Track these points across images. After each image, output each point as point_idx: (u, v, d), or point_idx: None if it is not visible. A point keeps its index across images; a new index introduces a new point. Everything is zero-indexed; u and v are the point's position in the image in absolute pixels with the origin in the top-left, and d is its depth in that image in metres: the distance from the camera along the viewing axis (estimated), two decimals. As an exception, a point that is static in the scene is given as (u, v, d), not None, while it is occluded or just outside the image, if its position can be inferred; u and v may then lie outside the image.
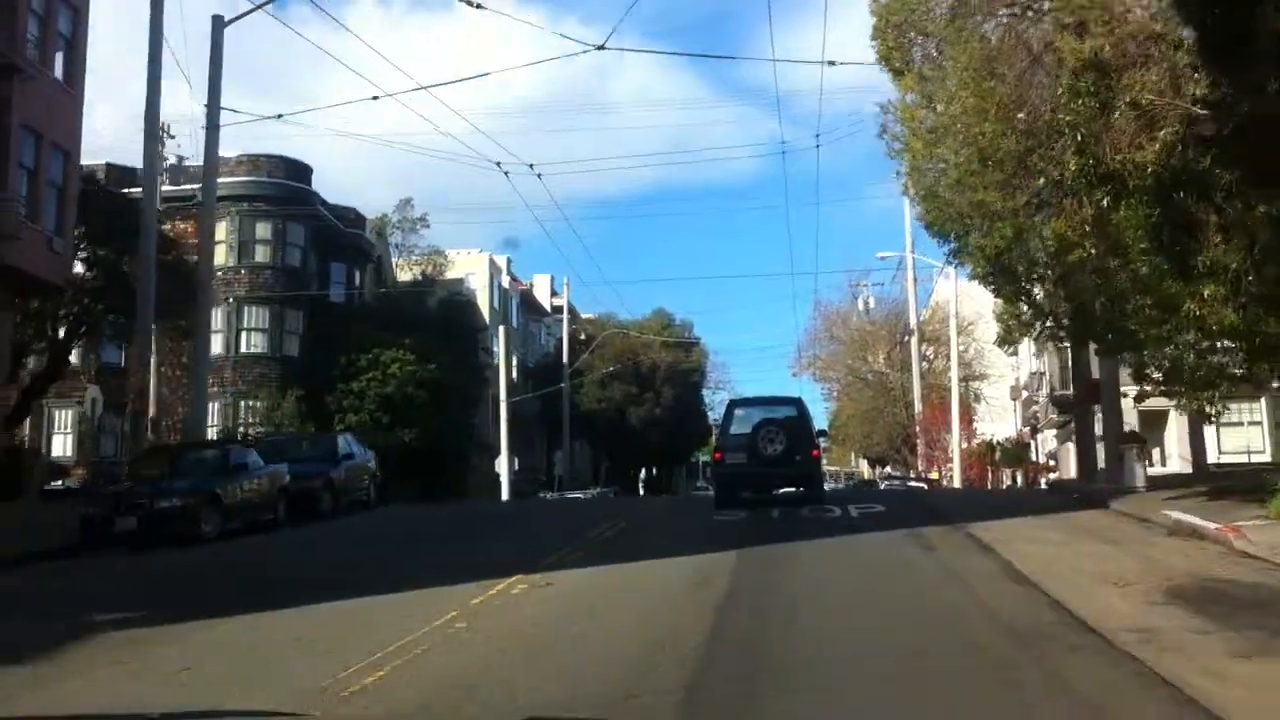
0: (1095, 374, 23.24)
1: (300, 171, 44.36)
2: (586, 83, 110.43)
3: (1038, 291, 15.09)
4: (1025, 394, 60.33)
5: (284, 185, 43.31)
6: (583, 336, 65.11)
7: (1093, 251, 11.95)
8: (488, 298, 58.41)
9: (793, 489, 21.08)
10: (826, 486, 23.91)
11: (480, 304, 58.34)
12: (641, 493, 73.36)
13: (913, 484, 42.81)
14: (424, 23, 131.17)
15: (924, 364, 57.51)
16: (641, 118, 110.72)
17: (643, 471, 78.16)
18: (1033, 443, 65.18)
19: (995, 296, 17.26)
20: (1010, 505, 20.00)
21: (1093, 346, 20.59)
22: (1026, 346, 59.65)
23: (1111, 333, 14.14)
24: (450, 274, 55.81)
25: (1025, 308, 15.92)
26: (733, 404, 23.15)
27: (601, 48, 17.56)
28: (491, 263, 58.83)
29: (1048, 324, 17.32)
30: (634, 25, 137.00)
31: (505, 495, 42.26)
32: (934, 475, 42.56)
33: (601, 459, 69.99)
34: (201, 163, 44.85)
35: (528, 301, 67.62)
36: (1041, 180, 12.03)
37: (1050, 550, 13.09)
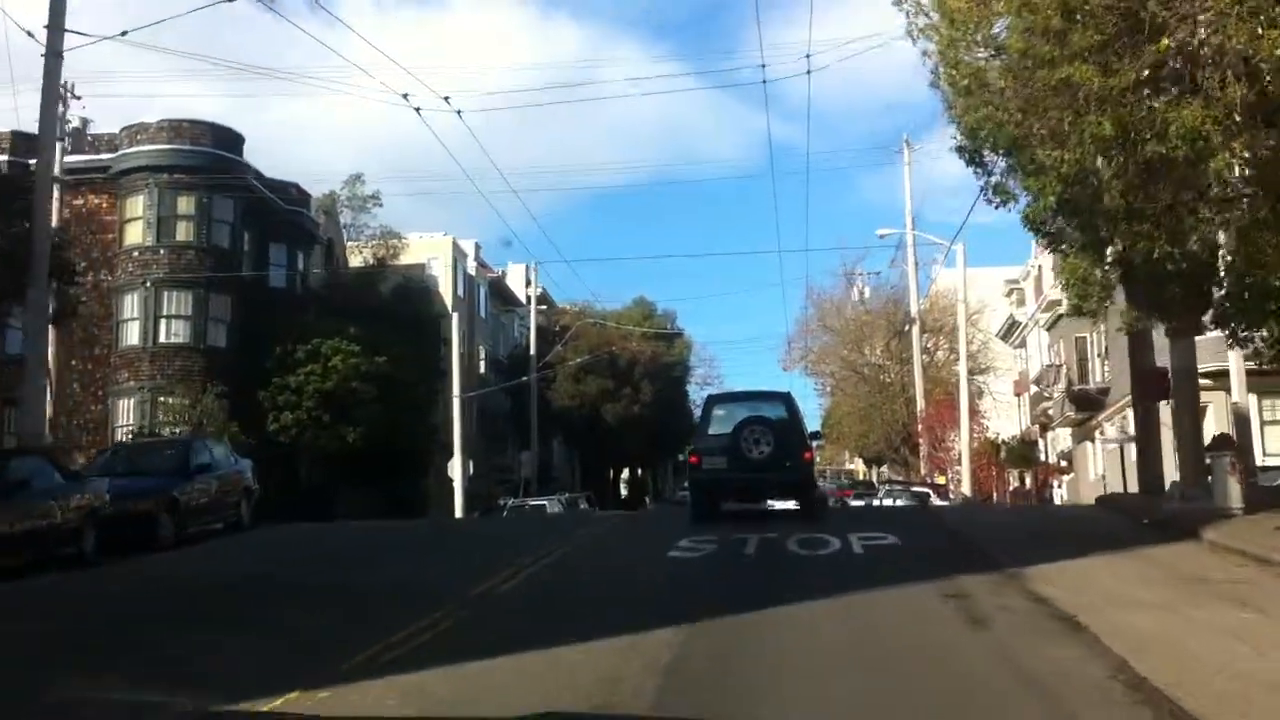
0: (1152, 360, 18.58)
1: (230, 140, 39.53)
2: (575, 73, 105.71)
3: (1118, 236, 10.29)
4: (1035, 389, 55.73)
5: (210, 154, 38.45)
6: (558, 328, 60.36)
7: (1246, 155, 7.32)
8: (450, 284, 53.65)
9: (783, 498, 18.66)
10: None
11: (443, 292, 53.63)
12: (623, 494, 68.65)
13: (917, 489, 38.13)
14: (417, 16, 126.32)
15: (925, 357, 52.83)
16: (630, 102, 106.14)
17: (626, 472, 73.55)
18: (1042, 441, 60.59)
19: (1053, 251, 12.51)
20: (1060, 531, 15.36)
21: (1161, 327, 15.93)
22: (1037, 336, 55.14)
23: (1248, 292, 9.51)
24: (409, 259, 51.06)
25: (1093, 267, 11.36)
26: (711, 400, 19.99)
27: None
28: (455, 246, 54.07)
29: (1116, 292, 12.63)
30: (624, 18, 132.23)
31: (459, 504, 37.46)
32: (941, 480, 37.89)
33: (577, 460, 65.35)
34: (116, 130, 40.50)
35: (499, 290, 62.90)
36: (1166, 40, 7.37)
37: (1165, 623, 8.44)
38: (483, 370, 58.28)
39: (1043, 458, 59.26)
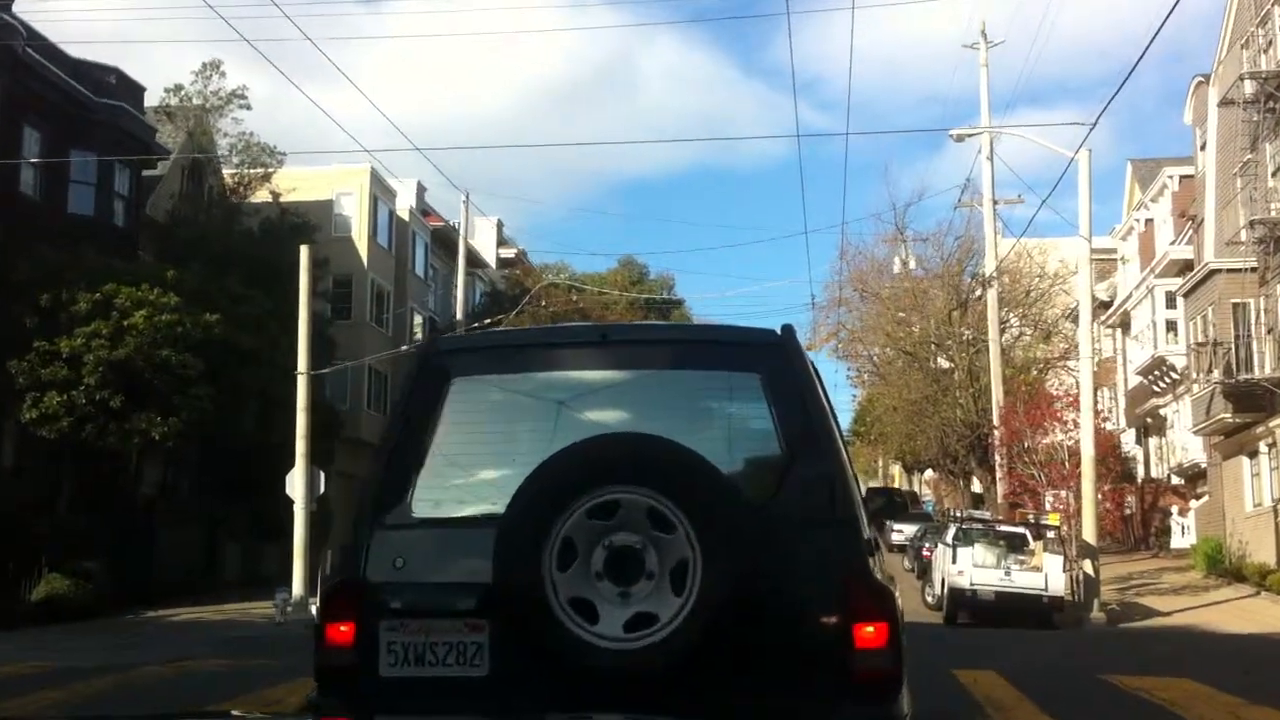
0: None
1: (-16, -14, 26.44)
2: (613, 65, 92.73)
3: None
4: (1141, 380, 42.02)
5: (-52, 5, 25.38)
6: (518, 291, 47.24)
7: None
8: (366, 227, 40.50)
9: None
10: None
11: (356, 239, 40.57)
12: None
13: (1005, 528, 24.74)
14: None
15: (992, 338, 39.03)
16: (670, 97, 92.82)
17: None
18: (1140, 449, 46.88)
19: None
20: None
21: None
22: (1148, 309, 41.40)
23: None
24: (310, 194, 37.95)
25: None
26: (430, 362, 4.09)
27: None
28: (374, 179, 40.80)
29: None
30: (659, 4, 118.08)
31: (300, 542, 24.26)
32: (1052, 519, 24.48)
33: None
34: None
35: (446, 243, 49.61)
36: None
37: None
38: (419, 340, 45.23)
39: (1141, 471, 45.68)
